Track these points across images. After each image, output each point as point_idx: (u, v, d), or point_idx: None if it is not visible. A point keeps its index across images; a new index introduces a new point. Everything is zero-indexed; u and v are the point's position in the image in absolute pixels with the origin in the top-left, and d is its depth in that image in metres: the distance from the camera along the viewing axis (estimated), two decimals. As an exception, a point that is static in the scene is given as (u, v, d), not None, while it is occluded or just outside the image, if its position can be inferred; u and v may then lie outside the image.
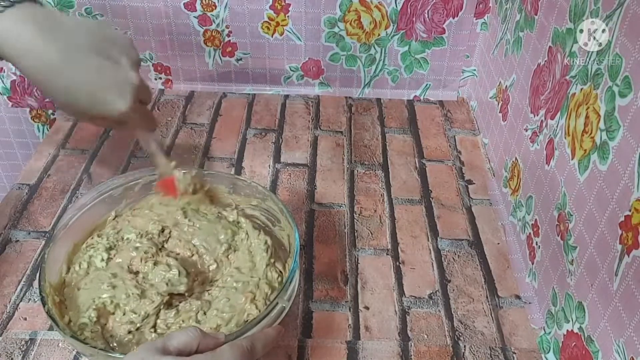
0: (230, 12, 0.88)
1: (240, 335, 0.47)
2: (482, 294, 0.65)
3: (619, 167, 0.46)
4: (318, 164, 0.82)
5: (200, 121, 0.90)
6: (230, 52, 0.93)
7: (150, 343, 0.43)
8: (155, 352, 0.41)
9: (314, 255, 0.68)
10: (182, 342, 0.43)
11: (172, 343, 0.42)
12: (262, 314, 0.50)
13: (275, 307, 0.51)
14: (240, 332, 0.48)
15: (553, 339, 0.58)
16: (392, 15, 0.88)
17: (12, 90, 0.98)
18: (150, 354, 0.41)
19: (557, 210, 0.58)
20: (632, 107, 0.44)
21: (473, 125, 0.91)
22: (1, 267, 0.65)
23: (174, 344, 0.42)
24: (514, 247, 0.71)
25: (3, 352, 0.56)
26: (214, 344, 0.44)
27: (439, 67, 0.94)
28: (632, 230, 0.44)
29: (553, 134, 0.60)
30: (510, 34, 0.76)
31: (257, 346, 0.46)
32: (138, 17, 0.88)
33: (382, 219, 0.74)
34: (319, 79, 0.96)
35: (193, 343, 0.43)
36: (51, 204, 0.73)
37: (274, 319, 0.51)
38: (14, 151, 1.07)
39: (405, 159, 0.84)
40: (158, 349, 0.41)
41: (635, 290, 0.43)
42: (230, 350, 0.43)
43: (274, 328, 0.50)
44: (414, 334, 0.60)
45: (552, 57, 0.61)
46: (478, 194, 0.78)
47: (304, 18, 0.88)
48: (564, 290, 0.56)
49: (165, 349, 0.42)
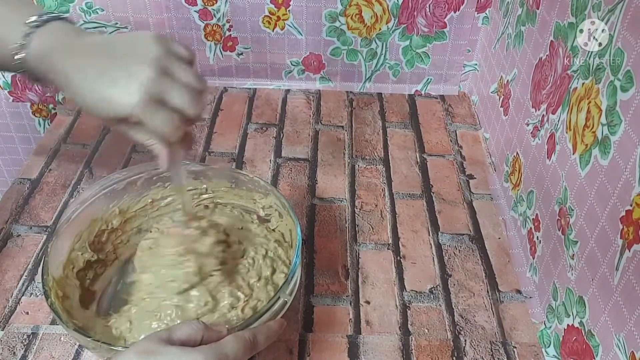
0: (231, 6, 0.88)
1: (242, 328, 0.47)
2: (483, 289, 0.65)
3: (620, 162, 0.46)
4: (319, 159, 0.82)
5: (201, 116, 0.90)
6: (231, 46, 0.93)
7: (155, 333, 0.43)
8: (159, 342, 0.41)
9: (315, 249, 0.68)
10: (187, 333, 0.43)
11: (176, 334, 0.43)
12: (264, 307, 0.50)
13: (277, 301, 0.51)
14: (243, 325, 0.48)
15: (554, 334, 0.58)
16: (394, 10, 0.87)
17: (13, 85, 0.98)
18: (154, 344, 0.41)
19: (558, 204, 0.58)
20: (634, 102, 0.44)
21: (474, 120, 0.91)
22: (3, 262, 0.65)
23: (178, 335, 0.43)
24: (514, 241, 0.71)
25: (5, 346, 0.57)
26: (217, 336, 0.44)
27: (440, 62, 0.94)
28: (633, 225, 0.44)
29: (554, 128, 0.60)
30: (511, 28, 0.76)
31: (259, 338, 0.46)
32: (139, 11, 0.88)
33: (383, 214, 0.74)
34: (320, 74, 0.96)
35: (197, 335, 0.43)
36: (52, 198, 0.74)
37: (276, 313, 0.51)
38: (15, 146, 1.07)
39: (406, 153, 0.84)
40: (162, 339, 0.42)
41: (636, 284, 0.43)
42: (233, 341, 0.44)
43: (277, 321, 0.51)
44: (414, 328, 0.60)
45: (554, 52, 0.61)
46: (479, 189, 0.78)
47: (305, 12, 0.88)
48: (565, 285, 0.56)
49: (170, 339, 0.42)
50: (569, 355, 0.54)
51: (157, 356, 0.40)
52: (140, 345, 0.42)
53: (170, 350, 0.41)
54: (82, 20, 0.88)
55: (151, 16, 0.88)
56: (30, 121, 1.03)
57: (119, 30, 0.89)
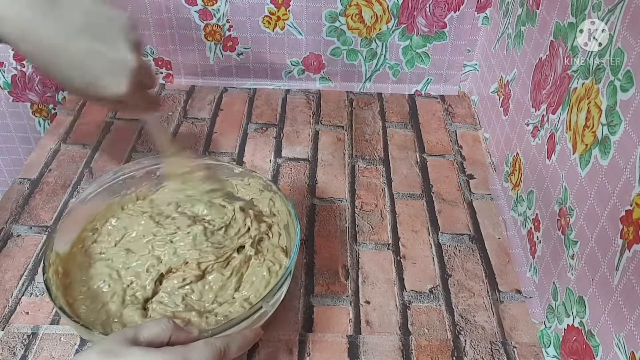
0: (231, 6, 0.88)
1: (218, 333, 0.46)
2: (483, 289, 0.65)
3: (620, 162, 0.46)
4: (319, 159, 0.82)
5: (201, 116, 0.90)
6: (231, 46, 0.93)
7: (121, 332, 0.42)
8: (124, 342, 0.41)
9: (315, 249, 0.68)
10: (154, 333, 0.42)
11: (142, 334, 0.42)
12: (244, 315, 0.49)
13: (259, 310, 0.50)
14: (219, 330, 0.47)
15: (554, 334, 0.58)
16: (394, 9, 0.87)
17: (13, 85, 0.98)
18: (117, 344, 0.40)
19: (558, 205, 0.58)
20: (634, 102, 0.44)
21: (474, 120, 0.91)
22: (3, 262, 0.65)
23: (145, 335, 0.42)
24: (514, 241, 0.71)
25: (5, 347, 0.57)
26: (186, 338, 0.44)
27: (440, 62, 0.94)
28: (633, 225, 0.44)
29: (554, 128, 0.60)
30: (511, 28, 0.76)
31: (231, 347, 0.45)
32: (139, 11, 0.88)
33: (383, 214, 0.74)
34: (320, 74, 0.96)
35: (165, 335, 0.43)
36: (52, 198, 0.74)
37: (255, 321, 0.51)
38: (15, 146, 1.07)
39: (406, 153, 0.84)
40: (128, 339, 0.41)
41: (636, 284, 0.43)
42: (203, 347, 0.43)
43: (253, 330, 0.49)
44: (414, 328, 0.60)
45: (554, 52, 0.61)
46: (479, 189, 0.78)
47: (304, 12, 0.88)
48: (565, 285, 0.56)
49: (136, 339, 0.41)
50: (569, 355, 0.54)
51: (118, 357, 0.39)
52: (104, 344, 0.41)
53: (133, 351, 0.40)
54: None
55: (151, 16, 0.88)
56: (30, 121, 1.03)
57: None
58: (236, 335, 0.47)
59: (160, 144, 0.62)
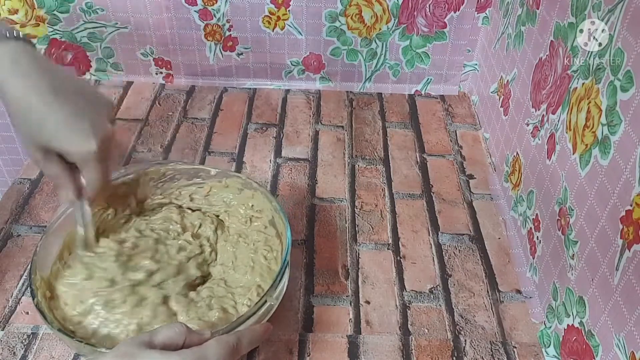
0: (231, 6, 0.88)
1: (227, 332, 0.47)
2: (483, 289, 0.65)
3: (620, 162, 0.46)
4: (319, 159, 0.82)
5: (201, 116, 0.90)
6: (231, 46, 0.93)
7: (136, 337, 0.42)
8: (140, 345, 0.41)
9: (315, 249, 0.68)
10: (168, 337, 0.43)
11: (157, 338, 0.42)
12: (250, 311, 0.49)
13: (264, 305, 0.50)
14: (228, 328, 0.48)
15: (554, 334, 0.58)
16: (394, 9, 0.87)
17: (13, 84, 0.98)
18: (134, 347, 0.41)
19: (558, 205, 0.58)
20: (634, 102, 0.44)
21: (474, 120, 0.91)
22: (3, 262, 0.65)
23: (160, 339, 0.42)
24: (514, 241, 0.71)
25: (5, 346, 0.57)
26: (199, 339, 0.44)
27: (440, 62, 0.94)
28: (633, 225, 0.44)
29: (554, 128, 0.60)
30: (511, 28, 0.76)
31: (243, 342, 0.46)
32: (139, 12, 0.88)
33: (383, 214, 0.74)
34: (320, 74, 0.96)
35: (179, 338, 0.43)
36: (52, 198, 0.74)
37: (261, 316, 0.51)
38: (15, 146, 1.07)
39: (406, 153, 0.84)
40: (143, 342, 0.41)
41: (636, 284, 0.43)
42: (216, 345, 0.43)
43: (262, 325, 0.50)
44: (414, 328, 0.60)
45: (554, 52, 0.61)
46: (479, 189, 0.78)
47: (305, 12, 0.88)
48: (565, 285, 0.56)
49: (151, 343, 0.42)
50: (569, 355, 0.54)
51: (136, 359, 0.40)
52: (120, 348, 0.41)
53: (150, 354, 0.40)
54: (82, 20, 0.88)
55: (151, 16, 0.88)
56: (30, 121, 1.03)
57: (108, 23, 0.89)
58: (246, 331, 0.48)
59: (81, 231, 0.57)
